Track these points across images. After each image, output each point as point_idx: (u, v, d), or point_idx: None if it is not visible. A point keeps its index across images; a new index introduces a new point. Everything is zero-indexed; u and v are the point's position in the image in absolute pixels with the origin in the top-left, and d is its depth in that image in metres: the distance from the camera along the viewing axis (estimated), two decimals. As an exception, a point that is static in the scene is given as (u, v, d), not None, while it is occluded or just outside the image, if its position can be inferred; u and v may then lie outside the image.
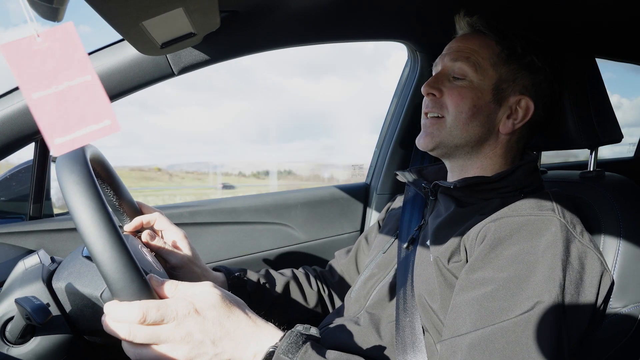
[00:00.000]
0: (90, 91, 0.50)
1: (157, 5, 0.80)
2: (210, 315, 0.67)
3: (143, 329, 0.65)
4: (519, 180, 0.97)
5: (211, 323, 0.67)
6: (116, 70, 1.17)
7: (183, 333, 0.65)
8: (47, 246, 1.40)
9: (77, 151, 0.80)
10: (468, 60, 1.01)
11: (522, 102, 1.01)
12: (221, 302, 0.69)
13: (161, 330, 0.65)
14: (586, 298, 0.80)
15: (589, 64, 1.12)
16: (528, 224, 0.84)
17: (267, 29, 1.27)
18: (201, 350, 0.66)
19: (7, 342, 0.87)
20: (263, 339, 0.69)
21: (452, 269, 0.89)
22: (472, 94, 1.00)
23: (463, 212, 0.96)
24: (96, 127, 0.50)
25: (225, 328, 0.68)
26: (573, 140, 1.09)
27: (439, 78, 1.04)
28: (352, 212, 1.86)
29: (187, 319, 0.66)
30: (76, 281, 0.89)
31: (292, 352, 0.67)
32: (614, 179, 1.06)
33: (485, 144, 1.03)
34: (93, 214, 0.73)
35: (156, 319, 0.65)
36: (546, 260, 0.78)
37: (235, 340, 0.68)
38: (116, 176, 1.05)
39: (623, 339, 0.89)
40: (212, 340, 0.66)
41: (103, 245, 0.73)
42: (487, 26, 1.04)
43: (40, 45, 0.49)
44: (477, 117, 1.00)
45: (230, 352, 0.67)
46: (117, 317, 0.66)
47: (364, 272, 1.15)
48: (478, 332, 0.74)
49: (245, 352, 0.68)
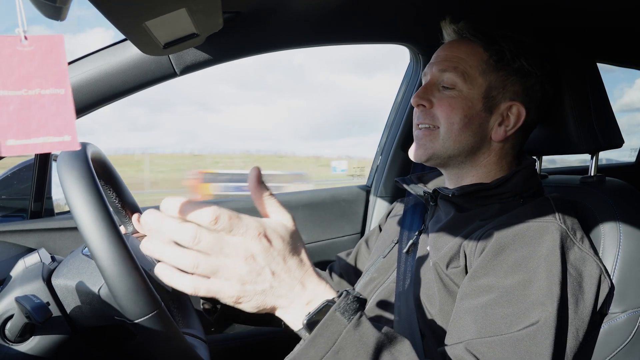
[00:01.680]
0: (60, 104, 0.49)
1: (160, 5, 0.80)
2: (277, 246, 0.61)
3: (209, 233, 0.57)
4: (518, 186, 0.97)
5: (277, 253, 0.61)
6: (119, 69, 1.17)
7: (247, 252, 0.58)
8: (48, 245, 1.40)
9: (79, 151, 0.80)
10: (456, 70, 0.99)
11: (514, 108, 1.00)
12: (290, 238, 0.63)
13: (228, 241, 0.58)
14: (585, 304, 0.81)
15: (589, 69, 1.12)
16: (529, 230, 0.84)
17: (269, 30, 1.27)
18: (259, 278, 0.59)
19: (7, 341, 0.87)
20: (318, 290, 0.63)
21: (450, 275, 0.89)
22: (462, 104, 0.99)
23: (463, 218, 0.97)
24: (54, 139, 0.49)
25: (287, 264, 0.61)
26: (574, 145, 1.08)
27: (428, 88, 1.03)
28: (353, 215, 1.86)
29: (256, 239, 0.59)
30: (75, 278, 0.89)
31: (348, 313, 0.61)
32: (615, 184, 1.06)
33: (478, 153, 1.02)
34: (93, 212, 0.73)
35: (225, 228, 0.57)
36: (547, 267, 0.78)
37: (293, 280, 0.62)
38: (118, 177, 1.06)
39: (623, 344, 0.89)
40: (272, 270, 0.60)
41: (102, 243, 0.73)
42: (474, 32, 1.03)
43: (24, 47, 0.49)
44: (469, 127, 0.99)
45: (285, 290, 0.61)
46: (188, 214, 0.57)
47: (363, 276, 1.15)
48: (484, 339, 0.74)
49: (299, 295, 0.62)
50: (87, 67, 1.16)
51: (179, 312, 1.06)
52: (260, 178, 0.63)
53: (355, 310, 0.62)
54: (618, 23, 1.43)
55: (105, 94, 1.19)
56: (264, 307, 0.61)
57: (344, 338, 0.60)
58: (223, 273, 0.57)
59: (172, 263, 0.58)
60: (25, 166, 1.44)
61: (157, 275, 0.58)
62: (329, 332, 0.60)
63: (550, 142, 1.14)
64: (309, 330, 0.61)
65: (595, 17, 1.36)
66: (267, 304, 0.61)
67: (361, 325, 0.62)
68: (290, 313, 0.62)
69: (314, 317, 0.61)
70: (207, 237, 0.56)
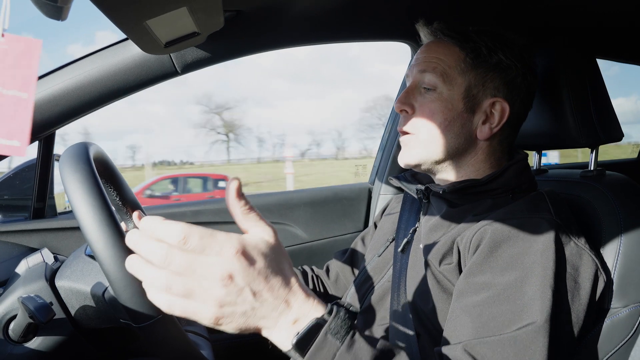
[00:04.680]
0: (18, 109, 0.48)
1: (161, 4, 0.80)
2: (258, 264, 0.57)
3: (181, 254, 0.55)
4: (510, 181, 0.96)
5: (257, 272, 0.57)
6: (120, 69, 1.17)
7: (223, 272, 0.55)
8: (50, 245, 1.40)
9: (81, 150, 0.80)
10: (435, 70, 0.98)
11: (497, 105, 0.99)
12: (272, 254, 0.59)
13: (200, 262, 0.55)
14: (582, 301, 0.81)
15: (589, 64, 1.12)
16: (524, 226, 0.83)
17: (270, 29, 1.27)
18: (239, 299, 0.56)
19: (10, 341, 0.88)
20: (305, 308, 0.60)
21: (443, 271, 0.89)
22: (442, 106, 0.98)
23: (455, 214, 0.96)
24: (3, 142, 0.47)
25: (270, 283, 0.58)
26: (573, 139, 1.09)
27: (409, 92, 1.02)
28: (355, 212, 1.86)
29: (233, 258, 0.56)
30: (79, 280, 0.90)
31: (340, 334, 0.59)
32: (615, 178, 1.06)
33: (465, 154, 1.01)
34: (95, 212, 0.73)
35: (196, 248, 0.55)
36: (543, 263, 0.78)
37: (277, 299, 0.58)
38: (119, 175, 1.06)
39: (624, 339, 0.89)
40: (253, 290, 0.57)
41: (105, 244, 0.73)
42: (448, 32, 1.01)
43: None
44: (450, 129, 0.98)
45: (268, 310, 0.58)
46: (156, 234, 0.56)
47: (359, 275, 1.15)
48: (482, 340, 0.74)
49: (284, 315, 0.59)
50: (88, 66, 1.17)
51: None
52: (240, 190, 0.59)
53: (347, 329, 0.60)
54: (617, 18, 1.43)
55: (106, 94, 1.20)
56: (247, 328, 0.58)
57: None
58: (199, 295, 0.55)
59: (148, 283, 0.56)
60: (27, 166, 1.44)
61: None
62: (321, 356, 0.58)
63: (550, 137, 1.14)
64: (299, 351, 0.59)
65: (594, 14, 1.36)
66: (250, 325, 0.58)
67: (354, 345, 0.60)
68: (276, 333, 0.60)
69: (303, 337, 0.59)
70: (178, 258, 0.55)
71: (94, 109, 1.22)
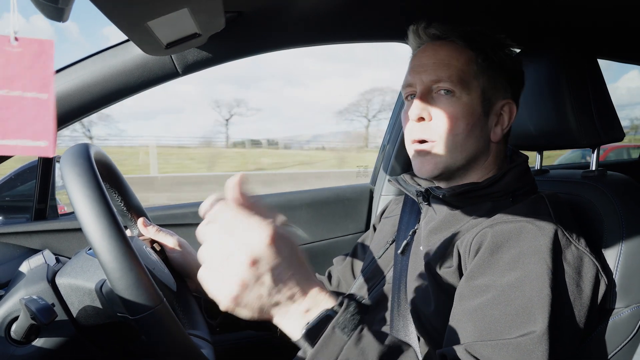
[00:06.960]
0: (41, 110, 0.49)
1: (162, 5, 0.80)
2: (283, 252, 0.59)
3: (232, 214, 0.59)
4: (510, 184, 0.94)
5: (282, 259, 0.59)
6: (121, 70, 1.17)
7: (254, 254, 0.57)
8: (52, 246, 1.40)
9: (82, 151, 0.81)
10: (450, 74, 0.94)
11: (506, 106, 0.98)
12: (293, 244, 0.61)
13: (244, 226, 0.58)
14: (583, 304, 0.81)
15: (590, 64, 1.12)
16: (525, 229, 0.83)
17: (271, 29, 1.27)
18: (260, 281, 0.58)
19: (12, 342, 0.88)
20: (318, 299, 0.61)
21: (443, 274, 0.89)
22: (463, 111, 0.94)
23: (455, 217, 0.95)
24: (30, 143, 0.48)
25: (291, 271, 0.60)
26: (574, 139, 1.09)
27: (423, 99, 0.96)
28: (357, 213, 1.87)
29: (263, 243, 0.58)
30: (78, 276, 0.90)
31: (348, 328, 0.59)
32: (616, 178, 1.06)
33: (480, 157, 0.99)
34: (95, 207, 0.74)
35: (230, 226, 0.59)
36: (544, 266, 0.78)
37: (293, 288, 0.60)
38: (123, 180, 1.06)
39: (626, 339, 0.89)
40: (274, 277, 0.58)
41: (102, 234, 0.73)
42: (453, 32, 0.97)
43: (13, 48, 0.48)
44: (472, 134, 0.95)
45: (285, 297, 0.59)
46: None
47: (359, 277, 1.14)
48: (485, 342, 0.74)
49: (296, 304, 0.60)
50: (90, 68, 1.17)
51: (184, 313, 1.06)
52: (242, 187, 0.61)
53: (356, 323, 0.60)
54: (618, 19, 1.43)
55: (107, 95, 1.19)
56: (261, 313, 0.60)
57: (344, 355, 0.58)
58: (227, 270, 0.57)
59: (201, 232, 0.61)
60: (28, 168, 1.45)
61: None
62: (328, 350, 0.59)
63: (551, 137, 1.14)
64: (308, 340, 0.60)
65: (593, 13, 1.36)
66: (264, 310, 0.59)
67: (362, 340, 0.60)
68: (288, 322, 0.61)
69: (313, 327, 0.59)
70: (227, 214, 0.59)
71: (95, 111, 1.22)
